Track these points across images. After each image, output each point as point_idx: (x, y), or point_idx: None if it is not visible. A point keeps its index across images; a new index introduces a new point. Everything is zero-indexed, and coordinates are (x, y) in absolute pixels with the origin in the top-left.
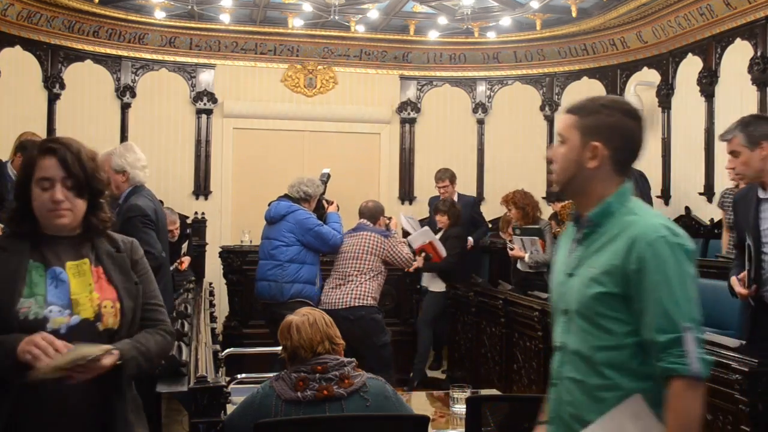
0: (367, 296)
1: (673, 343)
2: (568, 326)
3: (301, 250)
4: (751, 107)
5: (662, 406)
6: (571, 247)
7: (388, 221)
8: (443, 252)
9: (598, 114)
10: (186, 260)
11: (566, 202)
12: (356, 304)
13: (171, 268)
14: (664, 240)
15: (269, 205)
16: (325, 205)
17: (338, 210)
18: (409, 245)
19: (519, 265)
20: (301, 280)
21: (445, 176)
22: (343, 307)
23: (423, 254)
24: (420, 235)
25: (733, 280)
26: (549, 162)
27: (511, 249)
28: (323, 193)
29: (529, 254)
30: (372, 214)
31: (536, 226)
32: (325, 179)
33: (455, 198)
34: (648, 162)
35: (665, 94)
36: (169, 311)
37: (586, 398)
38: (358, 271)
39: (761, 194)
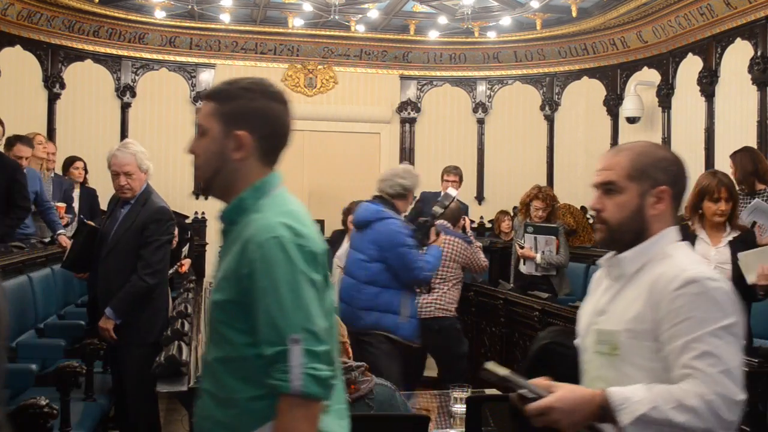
0: (451, 306)
1: (279, 356)
2: (206, 335)
3: (383, 269)
4: (751, 107)
5: None
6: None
7: (464, 223)
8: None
9: (239, 99)
10: (186, 263)
11: (526, 192)
12: (441, 315)
13: (171, 271)
14: (277, 241)
15: (357, 204)
16: (432, 236)
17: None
18: None
19: (523, 267)
20: (380, 308)
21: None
22: (428, 317)
23: None
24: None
25: None
26: (195, 156)
27: (521, 248)
28: (439, 216)
29: (540, 254)
30: (453, 215)
31: (552, 225)
32: (448, 203)
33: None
34: None
35: (665, 94)
36: (163, 328)
37: (217, 412)
38: (441, 279)
39: None
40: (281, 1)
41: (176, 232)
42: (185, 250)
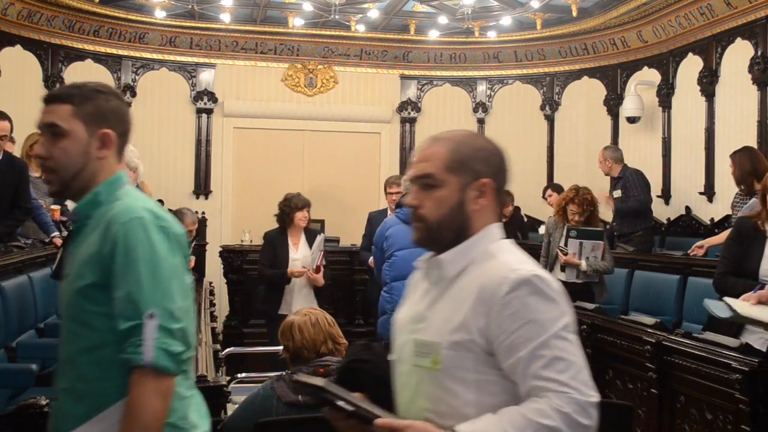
0: None
1: (134, 330)
2: (62, 333)
3: None
4: (752, 107)
5: None
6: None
7: None
8: None
9: (95, 100)
10: (191, 260)
11: (562, 194)
12: None
13: None
14: (139, 221)
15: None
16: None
17: None
18: None
19: (561, 274)
20: None
21: (399, 181)
22: None
23: None
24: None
25: None
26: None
27: (565, 254)
28: None
29: (585, 260)
30: None
31: (598, 228)
32: None
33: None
34: (648, 162)
35: (665, 93)
36: None
37: (76, 407)
38: None
39: None
40: (281, 0)
41: (197, 223)
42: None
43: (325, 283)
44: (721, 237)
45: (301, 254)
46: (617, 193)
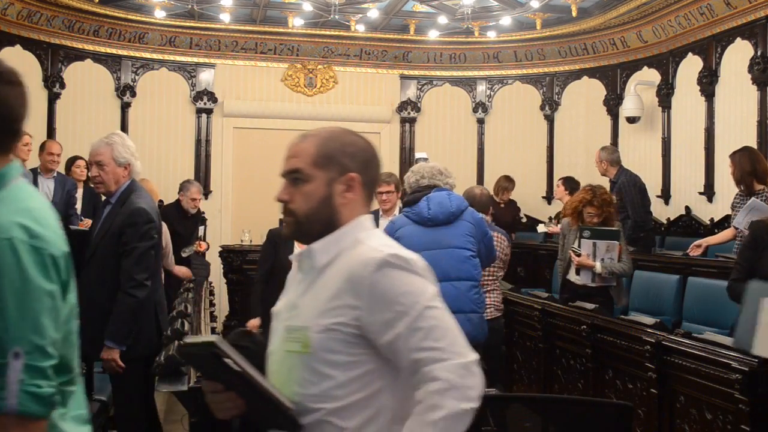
0: (501, 305)
1: None
2: None
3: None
4: (751, 107)
5: None
6: None
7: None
8: None
9: None
10: (204, 244)
11: (577, 195)
12: (497, 315)
13: (189, 252)
14: (8, 243)
15: (406, 201)
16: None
17: None
18: None
19: (575, 277)
20: (479, 308)
21: (392, 180)
22: (489, 318)
23: None
24: None
25: None
26: None
27: (578, 255)
28: None
29: (600, 263)
30: (484, 206)
31: (613, 228)
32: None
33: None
34: (648, 162)
35: (665, 93)
36: (151, 342)
37: None
38: (494, 277)
39: None
40: (281, 0)
41: (200, 193)
42: (202, 230)
43: None
44: (719, 237)
45: None
46: (614, 199)
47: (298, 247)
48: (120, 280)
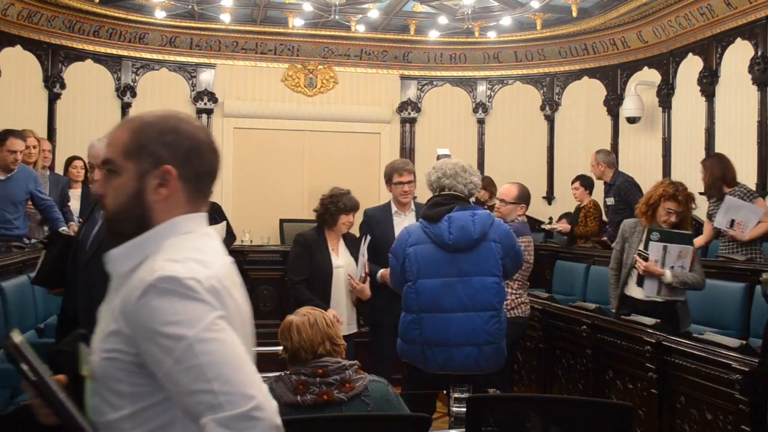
0: (528, 309)
1: None
2: None
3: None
4: (752, 107)
5: None
6: None
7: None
8: None
9: None
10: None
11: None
12: (519, 314)
13: None
14: None
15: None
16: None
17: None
18: None
19: (635, 289)
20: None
21: (411, 168)
22: (525, 315)
23: None
24: None
25: None
26: None
27: (645, 259)
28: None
29: (670, 270)
30: (526, 199)
31: (687, 232)
32: None
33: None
34: (648, 162)
35: (665, 94)
36: None
37: None
38: (523, 278)
39: None
40: (281, 1)
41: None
42: (221, 227)
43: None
44: (704, 238)
45: (344, 261)
46: (610, 201)
47: (334, 254)
48: None
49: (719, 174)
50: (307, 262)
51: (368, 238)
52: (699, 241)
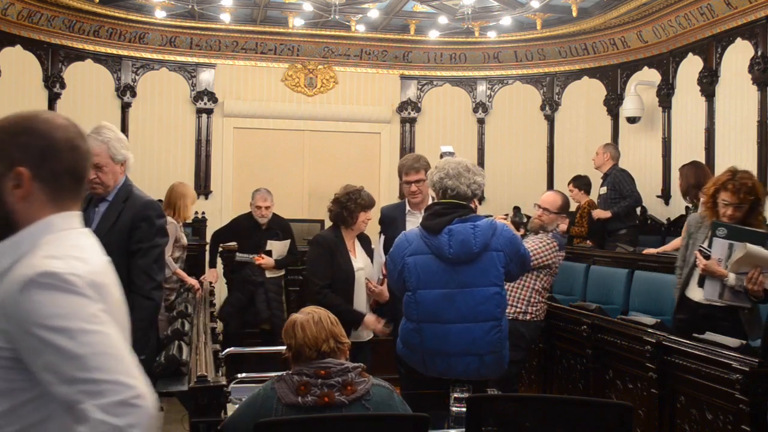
0: (543, 314)
1: None
2: None
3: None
4: (752, 107)
5: None
6: None
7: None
8: None
9: None
10: (267, 261)
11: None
12: (528, 318)
13: (246, 258)
14: None
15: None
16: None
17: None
18: None
19: (696, 291)
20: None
21: (420, 165)
22: (541, 318)
23: None
24: None
25: None
26: None
27: (706, 257)
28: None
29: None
30: (563, 210)
31: (760, 230)
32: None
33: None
34: (648, 162)
35: (665, 93)
36: (144, 347)
37: None
38: (544, 288)
39: None
40: (281, 1)
41: (268, 200)
42: (283, 245)
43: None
44: (674, 244)
45: (362, 263)
46: (603, 190)
47: (352, 256)
48: (134, 281)
49: (693, 181)
50: (329, 265)
51: (383, 236)
52: (668, 247)
